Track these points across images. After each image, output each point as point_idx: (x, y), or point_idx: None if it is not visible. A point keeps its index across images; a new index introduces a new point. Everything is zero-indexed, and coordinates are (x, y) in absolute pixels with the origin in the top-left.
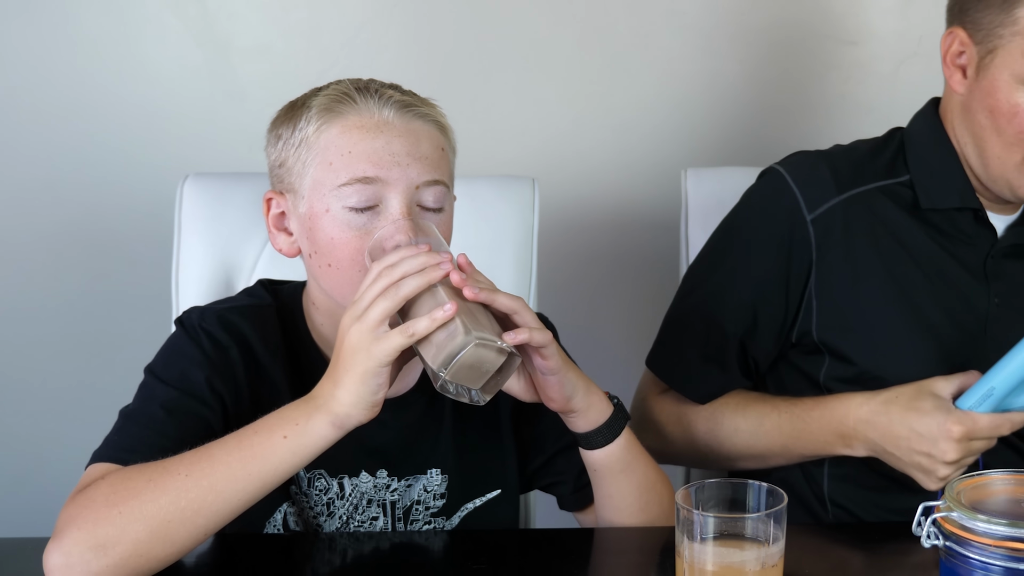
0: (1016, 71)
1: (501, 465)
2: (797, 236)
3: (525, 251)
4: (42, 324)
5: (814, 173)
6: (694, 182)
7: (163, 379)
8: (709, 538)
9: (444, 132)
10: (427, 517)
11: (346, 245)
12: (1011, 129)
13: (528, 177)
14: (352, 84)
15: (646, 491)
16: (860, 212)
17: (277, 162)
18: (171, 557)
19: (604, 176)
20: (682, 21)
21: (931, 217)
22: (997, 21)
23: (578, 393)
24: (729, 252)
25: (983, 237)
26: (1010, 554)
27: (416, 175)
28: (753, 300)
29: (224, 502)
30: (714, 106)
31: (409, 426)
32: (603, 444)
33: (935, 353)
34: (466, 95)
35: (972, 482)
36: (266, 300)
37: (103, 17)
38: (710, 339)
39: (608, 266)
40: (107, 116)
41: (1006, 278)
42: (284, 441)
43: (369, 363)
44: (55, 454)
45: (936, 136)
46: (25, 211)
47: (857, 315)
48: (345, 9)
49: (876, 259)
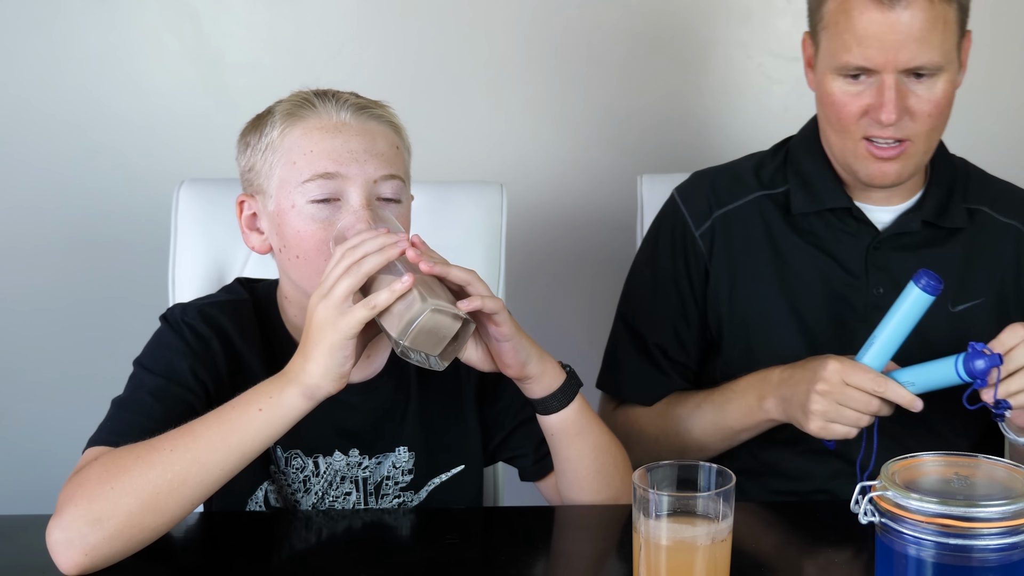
0: (830, 62)
1: (464, 442)
2: (691, 251)
3: (494, 250)
4: (49, 318)
5: (697, 193)
6: (648, 187)
7: (150, 369)
8: (663, 515)
9: (398, 131)
10: (396, 492)
11: (311, 236)
12: (834, 116)
13: (497, 183)
14: (311, 91)
15: (601, 453)
16: (738, 223)
17: (247, 167)
18: (162, 527)
19: (566, 181)
20: (636, 40)
21: (807, 220)
22: (817, 18)
23: (532, 359)
24: (646, 273)
25: (864, 232)
26: (940, 530)
27: (373, 170)
28: (669, 311)
29: (207, 472)
30: (667, 117)
31: (377, 408)
32: (559, 408)
33: (807, 345)
34: (439, 108)
35: (906, 463)
36: (243, 296)
37: (107, 35)
38: (644, 350)
39: (570, 264)
40: (109, 126)
41: (889, 268)
42: (260, 413)
43: (336, 336)
44: (61, 438)
45: (810, 144)
46: (34, 213)
47: (738, 316)
48: (328, 28)
49: (753, 264)
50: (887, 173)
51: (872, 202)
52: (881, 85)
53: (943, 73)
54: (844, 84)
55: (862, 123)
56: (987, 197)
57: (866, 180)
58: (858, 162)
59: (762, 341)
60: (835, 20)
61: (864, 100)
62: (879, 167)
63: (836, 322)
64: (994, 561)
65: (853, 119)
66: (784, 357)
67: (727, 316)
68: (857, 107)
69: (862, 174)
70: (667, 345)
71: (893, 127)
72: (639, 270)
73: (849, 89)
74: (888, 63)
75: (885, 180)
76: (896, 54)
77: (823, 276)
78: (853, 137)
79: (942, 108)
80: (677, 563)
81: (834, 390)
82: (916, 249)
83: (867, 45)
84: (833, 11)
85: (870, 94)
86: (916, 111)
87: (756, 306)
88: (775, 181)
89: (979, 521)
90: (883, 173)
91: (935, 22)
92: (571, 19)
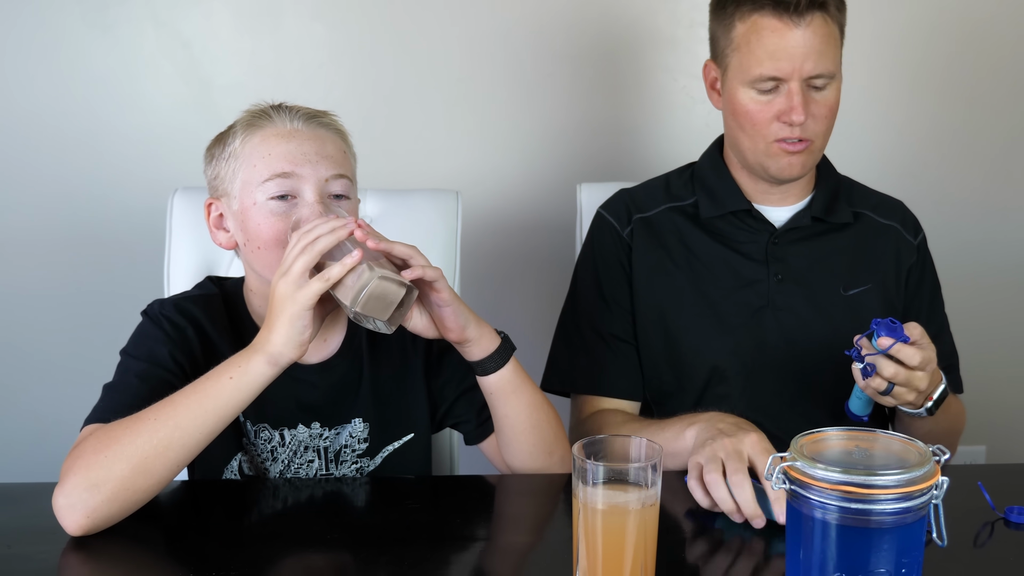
0: (740, 78)
1: (413, 413)
2: (620, 249)
3: (450, 251)
4: (58, 308)
5: (618, 205)
6: (587, 194)
7: (135, 356)
8: (600, 483)
9: (343, 137)
10: (354, 459)
11: (271, 228)
12: (748, 123)
13: (453, 190)
14: (267, 104)
15: (535, 409)
16: (654, 226)
17: (213, 175)
18: (152, 488)
19: (514, 189)
20: (577, 64)
21: (714, 223)
22: (724, 43)
23: (470, 324)
24: (588, 276)
25: (763, 229)
26: (843, 496)
27: (324, 170)
28: (615, 302)
29: (188, 436)
30: (603, 132)
31: (334, 385)
32: (496, 369)
33: (718, 326)
34: (401, 123)
35: (813, 437)
36: (213, 291)
37: (109, 60)
38: (600, 340)
39: (517, 262)
40: (112, 139)
41: (786, 259)
42: (231, 381)
43: (295, 307)
44: (68, 415)
45: (713, 162)
46: (46, 216)
47: (656, 305)
48: (304, 54)
49: (670, 259)
50: (795, 165)
51: (769, 204)
52: (789, 92)
53: (834, 81)
54: (756, 95)
55: (773, 127)
56: (869, 203)
57: (776, 174)
58: (770, 160)
59: (680, 325)
60: (746, 40)
61: (775, 107)
62: (789, 161)
63: (743, 305)
64: (890, 523)
65: (766, 124)
66: (700, 338)
67: (646, 305)
68: (769, 113)
69: (774, 169)
70: (620, 332)
71: (800, 128)
72: (582, 274)
73: (761, 99)
74: (795, 72)
75: (793, 172)
76: (802, 65)
77: (730, 267)
78: (766, 139)
79: (834, 110)
80: (611, 525)
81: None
82: (808, 241)
83: (778, 58)
84: (744, 33)
85: (780, 101)
86: (816, 114)
87: (673, 295)
88: (683, 195)
89: (877, 488)
90: (791, 166)
91: (829, 37)
92: (519, 46)
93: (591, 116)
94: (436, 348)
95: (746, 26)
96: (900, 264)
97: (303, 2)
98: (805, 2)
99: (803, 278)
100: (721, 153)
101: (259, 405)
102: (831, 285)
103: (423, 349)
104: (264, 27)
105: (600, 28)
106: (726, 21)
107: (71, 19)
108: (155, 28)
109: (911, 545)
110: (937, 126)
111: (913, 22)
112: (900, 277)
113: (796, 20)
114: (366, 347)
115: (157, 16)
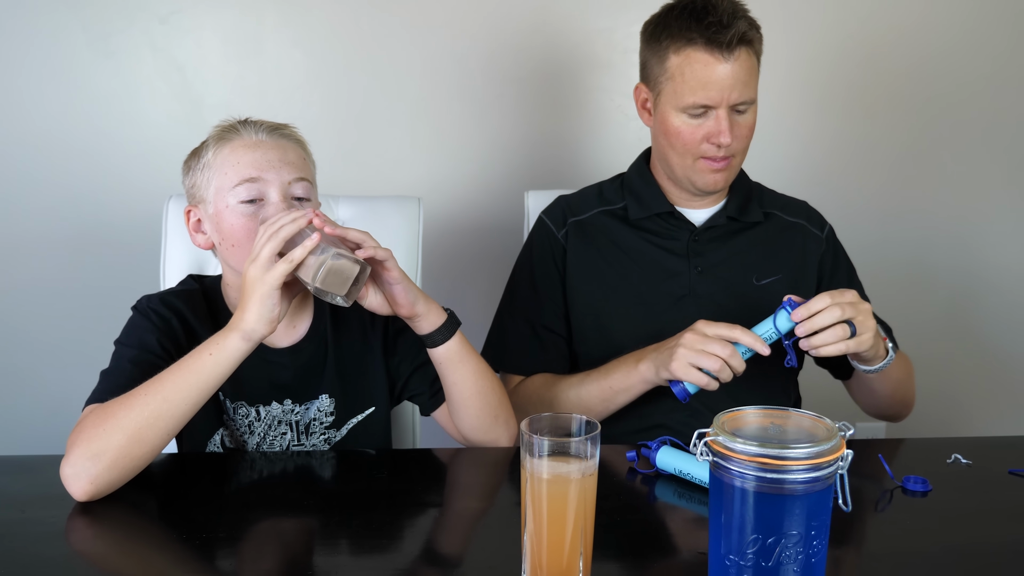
0: (673, 103)
1: (374, 389)
2: (556, 249)
3: (413, 249)
4: (66, 300)
5: (556, 210)
6: (533, 200)
7: (127, 344)
8: (544, 455)
9: (303, 146)
10: (322, 431)
11: (242, 227)
12: (678, 143)
13: (415, 197)
14: (235, 120)
15: (480, 376)
16: (587, 227)
17: (190, 184)
18: (147, 455)
19: (469, 196)
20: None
21: (641, 224)
22: (658, 71)
23: (419, 300)
24: (526, 271)
25: (684, 229)
26: (759, 466)
27: (287, 175)
28: (548, 297)
29: (176, 407)
30: (547, 145)
31: (302, 366)
32: (443, 341)
33: (645, 314)
34: (370, 138)
35: (733, 415)
36: (195, 287)
37: (112, 82)
38: (530, 331)
39: (471, 260)
40: (113, 152)
41: (705, 254)
42: (210, 357)
43: (264, 288)
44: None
45: (640, 171)
46: (55, 219)
47: (589, 298)
48: (284, 78)
49: (601, 257)
50: (719, 180)
51: (689, 207)
52: (717, 118)
53: (753, 106)
54: (687, 119)
55: (702, 147)
56: (777, 204)
57: (703, 187)
58: (697, 175)
59: (611, 315)
60: (680, 71)
61: (704, 130)
62: (714, 178)
63: (667, 294)
64: (801, 491)
65: (695, 144)
66: (630, 324)
67: (580, 299)
68: (699, 135)
69: (700, 183)
70: (550, 324)
71: (725, 148)
72: (520, 270)
73: (691, 123)
74: (723, 101)
75: (718, 186)
76: (729, 94)
77: (656, 262)
78: (694, 156)
79: (752, 130)
80: (555, 492)
81: (697, 339)
82: (724, 238)
83: (709, 88)
84: (677, 65)
85: (709, 125)
86: (738, 135)
87: (605, 286)
88: (613, 200)
89: (789, 460)
90: (716, 181)
91: (752, 69)
92: (473, 69)
93: (536, 131)
94: (392, 330)
95: (680, 59)
96: (808, 255)
97: (283, 31)
98: (736, 41)
99: (720, 270)
100: (648, 163)
101: (237, 385)
102: (745, 276)
103: (380, 332)
104: (249, 53)
105: (544, 54)
106: (660, 52)
107: (78, 46)
108: (152, 54)
109: (820, 510)
110: (839, 139)
111: (820, 49)
112: (810, 267)
113: (726, 55)
114: (330, 331)
115: (154, 43)
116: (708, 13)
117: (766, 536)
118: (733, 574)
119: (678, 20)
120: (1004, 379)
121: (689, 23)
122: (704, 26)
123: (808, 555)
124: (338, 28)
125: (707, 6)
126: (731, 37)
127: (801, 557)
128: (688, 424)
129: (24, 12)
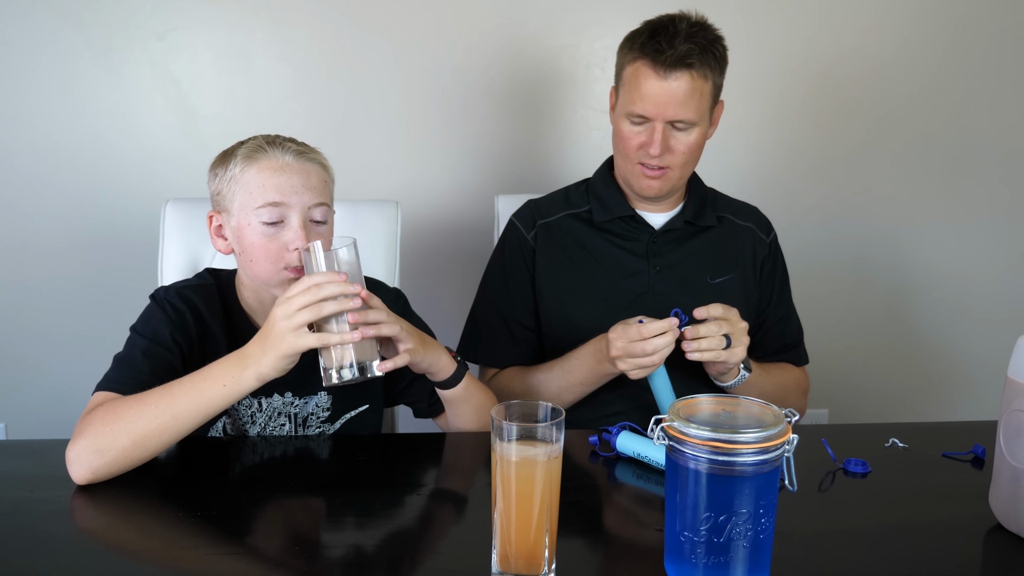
0: (622, 109)
1: (370, 388)
2: (525, 250)
3: (392, 251)
4: (72, 295)
5: (525, 213)
6: (503, 204)
7: (141, 333)
8: (513, 439)
9: (326, 169)
10: (318, 424)
11: (262, 247)
12: (621, 146)
13: (393, 201)
14: (264, 139)
15: (482, 411)
16: (554, 229)
17: (215, 191)
18: (147, 458)
19: (444, 199)
20: (495, 97)
21: (604, 226)
22: (620, 78)
23: (433, 363)
24: (498, 270)
25: (644, 231)
26: (712, 450)
27: (308, 200)
28: (518, 295)
29: (182, 424)
30: (516, 152)
31: (304, 364)
32: (451, 387)
33: (608, 309)
34: (352, 145)
35: (687, 402)
36: (209, 281)
37: (113, 95)
38: (503, 326)
39: (446, 260)
40: (115, 159)
41: (663, 254)
42: (223, 388)
43: (289, 349)
44: (79, 384)
45: (604, 177)
46: (61, 221)
47: (556, 294)
48: (272, 90)
49: (567, 256)
50: (652, 187)
51: (649, 211)
52: (652, 130)
53: (696, 127)
54: (630, 125)
55: (638, 153)
56: (730, 209)
57: (638, 191)
58: (633, 179)
59: (576, 311)
60: (629, 81)
61: (641, 138)
62: (647, 183)
63: (628, 292)
64: (750, 472)
65: (633, 150)
66: (593, 320)
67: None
68: (637, 142)
69: (636, 187)
70: (521, 319)
71: (657, 158)
72: (493, 270)
73: (633, 129)
74: (659, 115)
75: (650, 192)
76: (665, 110)
77: (618, 261)
78: (632, 161)
79: (692, 150)
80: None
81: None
82: (681, 240)
83: (647, 102)
84: (629, 75)
85: (645, 134)
86: (674, 150)
87: (570, 284)
88: (579, 203)
89: (739, 443)
90: (649, 187)
91: (693, 92)
92: (448, 83)
93: (506, 139)
94: None
95: (632, 69)
96: (756, 257)
97: (271, 47)
98: (674, 61)
99: (677, 269)
100: (611, 170)
101: None
102: (700, 275)
103: None
104: (240, 67)
105: (514, 68)
106: (623, 61)
107: (82, 62)
108: (151, 69)
109: (767, 490)
110: (790, 148)
111: (771, 66)
112: (756, 268)
113: (666, 74)
114: None
115: (152, 59)
116: (662, 32)
117: (718, 514)
118: (687, 549)
119: (642, 35)
120: (937, 369)
121: (645, 39)
122: (653, 43)
123: (756, 532)
124: (322, 44)
125: (667, 26)
126: (669, 58)
127: (750, 534)
128: (646, 412)
129: (33, 32)
